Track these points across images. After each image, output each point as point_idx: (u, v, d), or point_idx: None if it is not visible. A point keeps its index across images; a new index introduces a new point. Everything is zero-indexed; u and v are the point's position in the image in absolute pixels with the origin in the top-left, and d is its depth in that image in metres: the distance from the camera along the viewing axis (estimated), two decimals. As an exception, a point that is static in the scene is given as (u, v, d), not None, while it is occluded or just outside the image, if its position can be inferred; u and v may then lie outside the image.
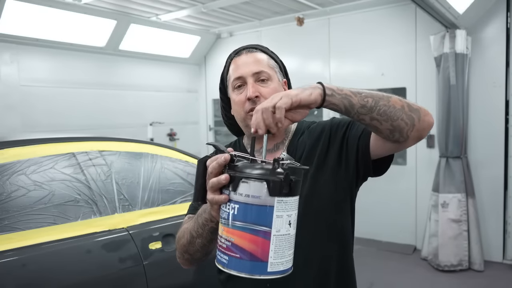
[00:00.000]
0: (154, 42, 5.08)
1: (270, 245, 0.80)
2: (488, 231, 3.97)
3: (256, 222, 0.81)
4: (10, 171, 1.83)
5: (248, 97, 1.08)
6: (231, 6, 4.46)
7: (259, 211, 0.80)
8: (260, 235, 0.80)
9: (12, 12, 3.72)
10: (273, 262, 0.81)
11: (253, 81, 1.10)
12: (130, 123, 4.98)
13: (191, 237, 1.07)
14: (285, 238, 0.82)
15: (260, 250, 0.80)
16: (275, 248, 0.81)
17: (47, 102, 4.25)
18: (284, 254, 0.82)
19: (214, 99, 5.91)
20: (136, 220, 2.10)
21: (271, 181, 0.80)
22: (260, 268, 0.81)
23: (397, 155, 4.67)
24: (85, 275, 1.81)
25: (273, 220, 0.80)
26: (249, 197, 0.81)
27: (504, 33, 3.82)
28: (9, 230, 1.71)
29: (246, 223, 0.81)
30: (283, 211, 0.81)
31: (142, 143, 2.49)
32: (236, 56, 1.16)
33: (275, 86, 1.12)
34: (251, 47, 1.18)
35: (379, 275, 3.61)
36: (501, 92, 3.87)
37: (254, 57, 1.14)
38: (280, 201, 0.80)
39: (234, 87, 1.14)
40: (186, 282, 2.15)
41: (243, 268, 0.82)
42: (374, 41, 4.50)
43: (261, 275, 0.81)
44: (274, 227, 0.80)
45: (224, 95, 1.23)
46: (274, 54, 1.21)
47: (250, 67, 1.12)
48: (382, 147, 1.01)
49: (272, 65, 1.16)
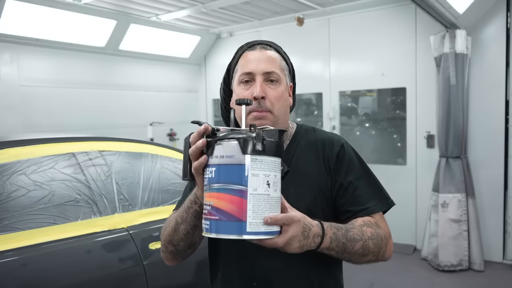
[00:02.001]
0: (154, 42, 5.08)
1: (247, 204, 0.80)
2: (488, 231, 3.96)
3: (232, 181, 0.81)
4: (10, 171, 1.83)
5: (255, 96, 1.06)
6: (231, 6, 4.46)
7: (233, 170, 0.81)
8: (236, 194, 0.80)
9: (12, 12, 3.72)
10: (252, 222, 0.80)
11: (262, 80, 1.07)
12: (130, 123, 4.98)
13: (176, 224, 1.06)
14: (264, 198, 0.81)
15: (237, 209, 0.80)
16: (252, 207, 0.80)
17: (47, 102, 4.25)
18: (264, 214, 0.81)
19: (214, 99, 5.91)
20: (136, 220, 2.10)
21: (243, 139, 0.81)
22: (239, 228, 0.80)
23: (397, 155, 4.67)
24: (85, 275, 1.81)
25: (249, 179, 0.80)
26: (223, 157, 0.82)
27: (504, 33, 3.82)
28: (9, 230, 1.71)
29: (223, 183, 0.82)
30: (259, 169, 0.81)
31: (142, 143, 2.49)
32: (249, 50, 1.12)
33: (282, 89, 1.10)
34: (266, 43, 1.14)
35: (379, 275, 3.61)
36: (501, 92, 3.87)
37: (268, 55, 1.10)
38: (255, 159, 0.81)
39: (240, 81, 1.10)
40: (186, 282, 2.16)
41: (222, 229, 0.81)
42: (374, 41, 4.50)
43: (241, 235, 0.80)
44: (250, 185, 0.80)
45: (227, 86, 1.20)
46: (286, 55, 1.17)
47: (262, 64, 1.08)
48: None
49: (283, 67, 1.12)
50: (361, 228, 1.01)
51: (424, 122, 4.25)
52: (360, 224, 1.02)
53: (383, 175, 1.17)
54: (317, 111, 5.09)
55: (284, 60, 1.14)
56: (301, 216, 0.88)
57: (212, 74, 5.87)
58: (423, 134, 4.26)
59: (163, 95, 5.48)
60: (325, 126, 4.87)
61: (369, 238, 1.00)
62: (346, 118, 5.07)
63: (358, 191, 1.08)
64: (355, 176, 1.09)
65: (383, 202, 1.11)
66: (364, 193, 1.09)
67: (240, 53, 1.14)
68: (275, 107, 1.08)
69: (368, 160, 1.18)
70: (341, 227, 0.97)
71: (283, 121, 1.12)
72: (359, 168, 1.11)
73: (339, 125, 4.84)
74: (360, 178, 1.10)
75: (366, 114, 5.06)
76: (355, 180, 1.09)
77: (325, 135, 1.16)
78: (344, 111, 5.02)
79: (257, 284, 1.06)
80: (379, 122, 4.97)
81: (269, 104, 1.07)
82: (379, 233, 1.04)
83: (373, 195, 1.10)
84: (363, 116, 5.06)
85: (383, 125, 4.93)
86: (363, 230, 1.01)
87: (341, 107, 4.90)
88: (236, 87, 1.12)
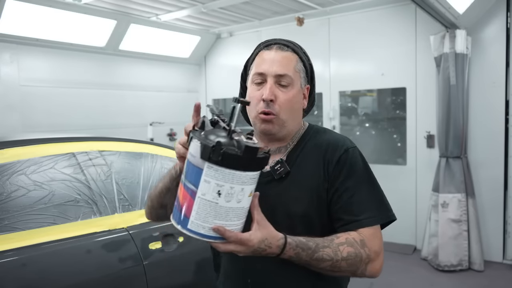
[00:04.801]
0: (154, 42, 5.07)
1: (193, 205, 0.84)
2: (488, 231, 3.97)
3: (190, 180, 0.86)
4: (10, 171, 1.83)
5: (263, 99, 1.06)
6: (231, 6, 4.46)
7: (193, 170, 0.85)
8: (189, 192, 0.85)
9: (12, 12, 3.72)
10: (194, 222, 0.85)
11: (273, 82, 1.06)
12: (130, 123, 4.98)
13: (158, 182, 1.14)
14: (211, 205, 0.84)
15: (187, 205, 0.86)
16: (197, 209, 0.84)
17: (47, 102, 4.25)
18: (207, 220, 0.84)
19: (214, 99, 5.91)
20: (136, 220, 2.10)
21: (204, 144, 0.83)
22: (184, 222, 0.87)
23: (397, 155, 4.67)
24: (85, 275, 1.81)
25: (200, 183, 0.83)
26: (191, 155, 0.86)
27: (504, 33, 3.82)
28: (9, 230, 1.71)
29: (185, 178, 0.88)
30: (211, 177, 0.83)
31: (142, 143, 2.49)
32: (265, 49, 1.11)
33: (294, 93, 1.09)
34: (284, 43, 1.12)
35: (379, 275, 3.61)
36: (501, 92, 3.87)
37: (283, 56, 1.08)
38: (210, 167, 0.82)
39: (253, 81, 1.10)
40: (186, 282, 2.16)
41: (174, 216, 0.90)
42: (374, 41, 4.50)
43: (182, 228, 0.87)
44: (200, 189, 0.84)
45: (244, 81, 1.20)
46: (306, 55, 1.15)
47: (275, 66, 1.07)
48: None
49: (298, 69, 1.10)
50: (337, 247, 0.97)
51: (424, 122, 4.25)
52: (340, 242, 0.98)
53: (383, 175, 1.15)
54: (317, 111, 5.08)
55: (302, 61, 1.12)
56: (258, 241, 0.88)
57: (212, 74, 5.87)
58: (423, 134, 4.26)
59: (163, 95, 5.48)
60: (325, 126, 4.86)
61: (343, 259, 0.97)
62: (346, 118, 5.07)
63: (353, 198, 1.04)
64: (354, 182, 1.05)
65: (379, 215, 1.04)
66: (360, 201, 1.03)
67: (257, 51, 1.14)
68: (283, 111, 1.07)
69: (368, 160, 1.15)
70: (309, 247, 0.95)
71: (291, 124, 1.11)
72: (360, 175, 1.06)
73: (339, 125, 4.84)
74: (360, 185, 1.05)
75: (366, 114, 5.07)
76: (353, 186, 1.04)
77: (332, 137, 1.12)
78: (344, 111, 5.03)
79: (251, 281, 1.07)
80: (379, 122, 4.97)
81: (277, 107, 1.07)
82: (359, 253, 0.98)
83: (370, 205, 1.04)
84: (363, 116, 5.06)
85: (383, 125, 4.93)
86: (339, 250, 0.97)
87: (341, 107, 4.91)
88: (249, 85, 1.13)
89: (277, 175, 1.08)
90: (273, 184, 1.09)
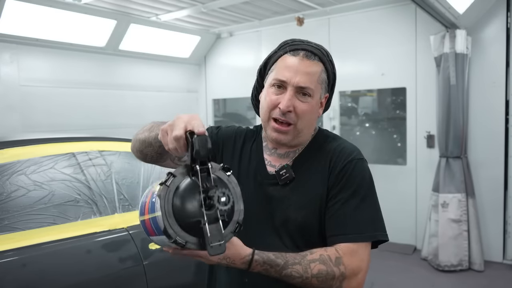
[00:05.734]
0: (154, 42, 5.07)
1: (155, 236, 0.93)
2: (488, 231, 3.96)
3: (155, 228, 0.90)
4: (10, 171, 1.83)
5: (280, 108, 1.03)
6: (231, 6, 4.46)
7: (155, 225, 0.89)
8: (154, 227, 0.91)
9: (12, 12, 3.72)
10: (154, 239, 0.94)
11: (294, 92, 1.03)
12: (130, 123, 4.97)
13: (145, 130, 1.14)
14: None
15: (150, 231, 0.93)
16: (156, 241, 0.95)
17: (47, 102, 4.25)
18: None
19: (214, 99, 5.91)
20: (136, 220, 2.09)
21: (167, 233, 0.82)
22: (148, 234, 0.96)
23: (397, 155, 4.67)
24: (85, 275, 1.81)
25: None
26: (154, 194, 0.90)
27: (504, 33, 3.82)
28: (9, 230, 1.71)
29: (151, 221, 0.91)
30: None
31: (142, 143, 2.48)
32: (291, 54, 1.06)
33: (313, 104, 1.06)
34: (311, 50, 1.06)
35: (379, 275, 3.61)
36: (501, 92, 3.87)
37: (308, 67, 1.04)
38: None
39: (272, 85, 1.07)
40: (186, 282, 2.16)
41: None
42: (374, 41, 4.50)
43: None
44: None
45: (261, 77, 1.15)
46: (331, 64, 1.11)
47: (298, 77, 1.02)
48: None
49: (321, 81, 1.07)
50: (308, 264, 0.96)
51: (424, 122, 4.25)
52: (312, 259, 0.96)
53: (383, 175, 1.14)
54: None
55: (326, 72, 1.08)
56: (217, 259, 0.89)
57: (212, 74, 5.87)
58: (423, 134, 4.26)
59: (163, 95, 5.48)
60: (325, 126, 4.87)
61: (313, 276, 0.95)
62: (346, 118, 5.07)
63: (340, 211, 1.01)
64: (348, 194, 1.02)
65: (363, 234, 1.00)
66: (345, 215, 1.01)
67: (281, 53, 1.08)
68: (300, 121, 1.05)
69: (368, 160, 1.14)
70: (277, 264, 0.94)
71: (306, 133, 1.10)
72: (357, 189, 1.03)
73: (339, 125, 4.84)
74: (352, 199, 1.01)
75: (366, 114, 5.07)
76: (345, 198, 1.01)
77: (340, 146, 1.09)
78: (344, 111, 5.02)
79: (248, 280, 1.07)
80: (379, 122, 4.97)
81: (294, 117, 1.04)
82: (331, 271, 0.96)
83: (355, 221, 1.00)
84: (363, 116, 5.06)
85: (383, 125, 4.93)
86: (309, 267, 0.95)
87: (341, 107, 4.90)
88: (267, 87, 1.09)
89: (282, 181, 1.07)
90: (277, 188, 1.08)
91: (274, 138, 1.08)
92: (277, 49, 1.11)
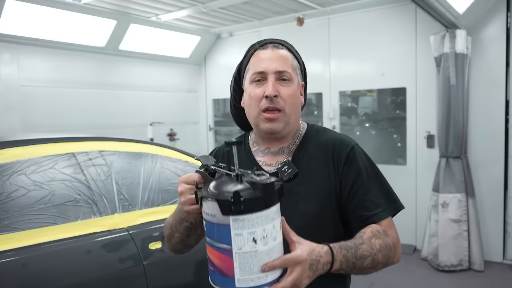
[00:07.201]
0: (154, 42, 5.07)
1: (234, 262, 0.80)
2: (488, 231, 3.96)
3: (218, 240, 0.82)
4: (10, 171, 1.83)
5: (267, 95, 1.06)
6: (231, 6, 4.46)
7: (218, 229, 0.81)
8: (222, 252, 0.81)
9: (12, 12, 3.72)
10: (240, 279, 0.80)
11: (275, 79, 1.08)
12: (130, 123, 4.98)
13: (171, 231, 1.13)
14: (251, 255, 0.80)
15: (225, 266, 0.81)
16: (239, 265, 0.80)
17: (47, 102, 4.25)
18: (253, 270, 0.80)
19: (214, 99, 5.91)
20: (136, 220, 2.10)
21: (221, 201, 0.79)
22: (228, 283, 0.81)
23: (397, 155, 4.67)
24: (85, 275, 1.81)
25: (232, 238, 0.79)
26: (208, 215, 0.83)
27: (504, 33, 3.82)
28: (9, 230, 1.71)
29: (212, 239, 0.83)
30: (241, 229, 0.79)
31: (142, 143, 2.49)
32: (261, 49, 1.12)
33: (295, 88, 1.10)
34: (278, 42, 1.14)
35: (379, 275, 3.60)
36: (501, 92, 3.87)
37: (280, 54, 1.10)
38: (236, 219, 0.79)
39: (252, 80, 1.10)
40: (186, 282, 2.15)
41: (216, 280, 0.85)
42: (374, 41, 4.49)
43: None
44: (235, 245, 0.79)
45: (237, 85, 1.20)
46: (298, 54, 1.17)
47: (274, 64, 1.08)
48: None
49: (295, 66, 1.12)
50: (370, 241, 0.99)
51: (424, 122, 4.25)
52: (369, 237, 1.00)
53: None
54: (317, 111, 5.08)
55: (296, 59, 1.14)
56: (307, 253, 0.86)
57: (212, 74, 5.87)
58: (423, 134, 4.26)
59: (163, 95, 5.48)
60: (325, 126, 4.85)
61: (378, 251, 0.99)
62: (346, 118, 5.07)
63: (367, 195, 1.07)
64: (365, 179, 1.08)
65: (391, 206, 1.09)
66: (373, 197, 1.07)
67: (251, 52, 1.14)
68: (287, 105, 1.08)
69: None
70: (350, 246, 0.95)
71: (294, 120, 1.12)
72: (369, 171, 1.10)
73: (339, 125, 4.84)
74: (370, 181, 1.08)
75: (366, 114, 5.06)
76: (365, 183, 1.07)
77: (335, 136, 1.15)
78: (344, 111, 5.02)
79: None
80: (379, 122, 4.97)
81: (281, 102, 1.07)
82: (388, 242, 1.02)
83: (382, 199, 1.08)
84: (363, 116, 5.06)
85: (383, 125, 4.93)
86: (372, 244, 0.99)
87: (341, 107, 4.90)
88: (247, 86, 1.12)
89: (286, 177, 1.07)
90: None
91: (267, 128, 1.09)
92: (246, 53, 1.16)
